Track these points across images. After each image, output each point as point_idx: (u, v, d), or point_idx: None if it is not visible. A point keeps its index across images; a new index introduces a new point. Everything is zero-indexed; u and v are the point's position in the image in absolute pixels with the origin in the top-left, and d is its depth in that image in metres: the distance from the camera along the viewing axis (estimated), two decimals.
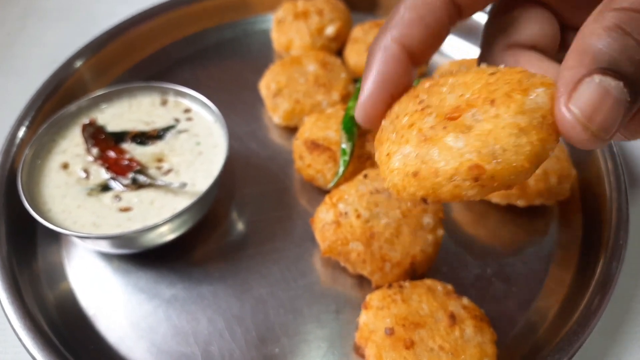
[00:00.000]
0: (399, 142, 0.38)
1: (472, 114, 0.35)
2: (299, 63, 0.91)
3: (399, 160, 0.37)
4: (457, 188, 0.34)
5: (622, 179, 0.75)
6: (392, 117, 0.41)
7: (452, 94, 0.38)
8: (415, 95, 0.40)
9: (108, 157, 0.74)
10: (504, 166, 0.33)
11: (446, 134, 0.35)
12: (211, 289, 0.71)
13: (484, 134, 0.33)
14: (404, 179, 0.36)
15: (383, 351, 0.60)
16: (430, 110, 0.38)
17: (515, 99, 0.34)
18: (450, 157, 0.34)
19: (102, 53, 0.97)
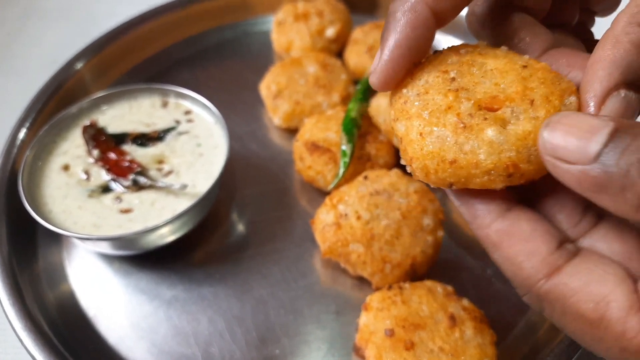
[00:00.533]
0: (434, 124, 0.36)
1: (512, 110, 0.36)
2: (299, 64, 0.91)
3: (435, 143, 0.36)
4: (489, 181, 0.35)
5: None
6: (418, 89, 0.39)
7: (486, 79, 0.38)
8: (444, 69, 0.39)
9: (109, 158, 0.75)
10: (534, 167, 0.35)
11: (487, 125, 0.35)
12: (212, 290, 0.71)
13: (524, 134, 0.35)
14: (438, 164, 0.36)
15: (383, 352, 0.60)
16: (466, 95, 0.37)
17: (553, 104, 0.36)
18: (491, 152, 0.35)
19: (102, 54, 0.97)
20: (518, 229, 0.36)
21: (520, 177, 0.35)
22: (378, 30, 0.97)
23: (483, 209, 0.37)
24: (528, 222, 0.36)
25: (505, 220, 0.36)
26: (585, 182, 0.32)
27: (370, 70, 0.42)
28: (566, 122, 0.33)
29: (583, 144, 0.31)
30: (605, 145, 0.31)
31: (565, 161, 0.32)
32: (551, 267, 0.34)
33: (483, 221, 0.37)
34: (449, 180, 0.36)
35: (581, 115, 0.33)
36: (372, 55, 0.93)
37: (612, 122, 0.31)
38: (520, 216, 0.37)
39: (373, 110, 0.80)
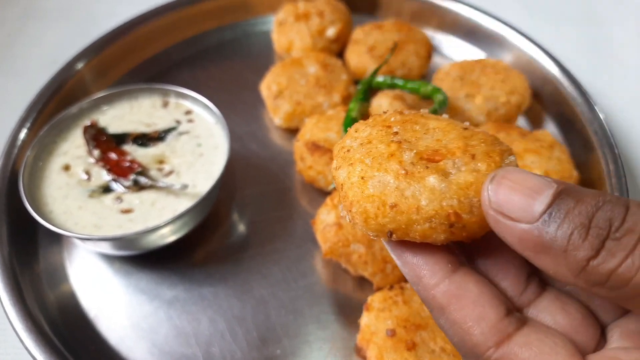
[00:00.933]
0: (376, 168, 0.36)
1: (454, 162, 0.36)
2: (299, 64, 0.91)
3: (376, 187, 0.36)
4: (430, 230, 0.35)
5: (624, 181, 0.75)
6: (361, 140, 0.39)
7: (428, 135, 0.39)
8: (386, 125, 0.40)
9: (109, 158, 0.75)
10: (476, 219, 0.34)
11: (429, 173, 0.35)
12: (212, 290, 0.71)
13: (466, 184, 0.35)
14: (378, 208, 0.35)
15: (385, 352, 0.60)
16: (408, 146, 0.37)
17: (494, 159, 0.36)
18: (433, 198, 0.34)
19: (102, 55, 0.97)
20: (466, 291, 0.35)
21: (462, 228, 0.35)
22: (379, 30, 0.97)
23: (428, 269, 0.36)
24: (476, 284, 0.35)
25: (452, 283, 0.35)
26: (527, 241, 0.31)
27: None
28: (512, 178, 0.33)
29: (527, 202, 0.31)
30: (549, 205, 0.31)
31: (509, 218, 0.32)
32: (501, 335, 0.33)
33: (429, 282, 0.36)
34: (389, 226, 0.35)
35: (526, 173, 0.33)
36: (372, 55, 0.93)
37: (556, 183, 0.32)
38: (468, 278, 0.35)
39: (374, 110, 0.80)
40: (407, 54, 0.93)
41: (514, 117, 0.87)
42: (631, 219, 0.29)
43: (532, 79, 0.92)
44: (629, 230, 0.29)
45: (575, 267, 0.30)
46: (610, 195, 0.31)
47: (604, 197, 0.30)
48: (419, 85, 0.83)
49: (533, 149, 0.76)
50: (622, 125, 0.95)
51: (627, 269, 0.29)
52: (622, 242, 0.29)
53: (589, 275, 0.30)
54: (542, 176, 0.33)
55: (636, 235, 0.29)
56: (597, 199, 0.30)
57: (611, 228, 0.29)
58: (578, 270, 0.30)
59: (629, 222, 0.29)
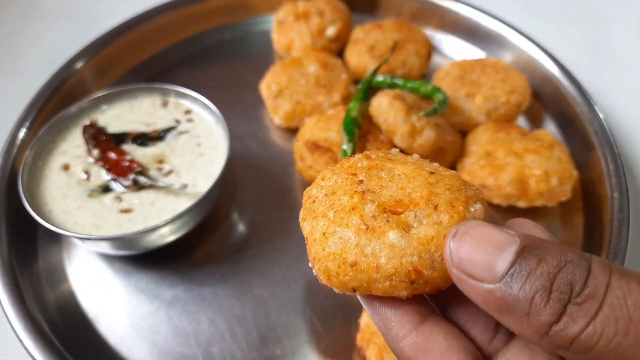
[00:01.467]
0: (338, 224, 0.36)
1: (415, 215, 0.36)
2: (299, 64, 0.91)
3: (337, 244, 0.35)
4: (392, 287, 0.34)
5: (624, 180, 0.75)
6: (326, 190, 0.39)
7: (393, 183, 0.38)
8: (352, 172, 0.39)
9: (109, 158, 0.74)
10: (438, 274, 0.34)
11: (389, 228, 0.35)
12: (212, 290, 0.71)
13: (426, 239, 0.34)
14: (339, 266, 0.35)
15: (384, 352, 0.60)
16: (371, 197, 0.37)
17: (457, 210, 0.35)
18: (392, 256, 0.34)
19: (102, 54, 0.97)
20: (434, 344, 0.34)
21: (424, 284, 0.34)
22: (378, 29, 0.97)
23: (396, 320, 0.35)
24: (444, 336, 0.34)
25: (420, 334, 0.35)
26: (491, 301, 0.31)
27: None
28: (473, 234, 0.32)
29: (490, 261, 0.31)
30: (511, 265, 0.30)
31: (472, 277, 0.31)
32: None
33: (397, 333, 0.35)
34: (351, 284, 0.35)
35: (488, 228, 0.32)
36: (372, 55, 0.93)
37: (519, 238, 0.31)
38: (435, 329, 0.35)
39: (374, 109, 0.80)
40: (407, 53, 0.93)
41: (514, 117, 0.87)
42: (592, 283, 0.29)
43: (532, 79, 0.92)
44: (590, 295, 0.28)
45: (539, 330, 0.30)
46: (573, 254, 0.30)
47: (565, 256, 0.30)
48: (419, 85, 0.83)
49: (533, 148, 0.76)
50: (622, 125, 0.95)
51: (589, 336, 0.28)
52: (583, 307, 0.28)
53: (552, 339, 0.29)
54: (506, 230, 0.32)
55: (597, 301, 0.28)
56: (559, 259, 0.30)
57: (572, 292, 0.29)
58: (541, 333, 0.29)
59: (590, 287, 0.29)
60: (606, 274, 0.29)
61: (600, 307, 0.28)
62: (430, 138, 0.77)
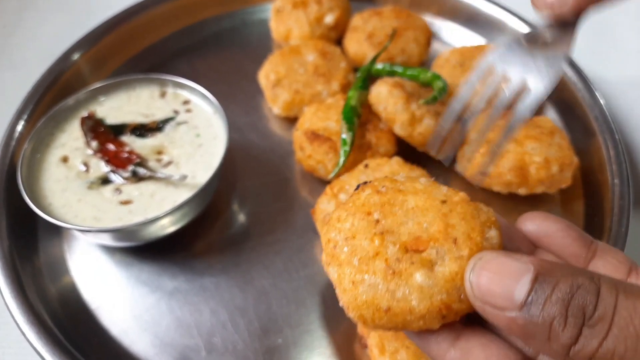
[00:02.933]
0: (365, 271, 0.38)
1: (437, 251, 0.38)
2: (298, 53, 0.90)
3: (368, 292, 0.37)
4: (425, 324, 0.36)
5: (625, 167, 0.74)
6: (345, 233, 0.40)
7: (408, 218, 0.40)
8: (367, 211, 0.40)
9: (107, 150, 0.74)
10: (466, 304, 0.36)
11: (415, 270, 0.37)
12: (213, 281, 0.71)
13: (452, 276, 0.37)
14: (373, 313, 0.37)
15: (386, 341, 0.60)
16: (391, 238, 0.39)
17: (475, 241, 0.38)
18: (422, 297, 0.36)
19: (99, 45, 0.96)
20: (473, 357, 0.36)
21: (454, 315, 0.37)
22: (377, 17, 0.96)
23: (434, 340, 0.38)
24: (482, 348, 0.36)
25: (458, 351, 0.37)
26: (514, 328, 0.33)
27: None
28: (489, 268, 0.34)
29: (508, 291, 0.33)
30: (528, 293, 0.33)
31: (494, 307, 0.34)
32: None
33: (437, 353, 0.37)
34: (388, 326, 0.37)
35: (502, 259, 0.34)
36: (371, 43, 0.92)
37: (532, 265, 0.33)
38: (472, 342, 0.37)
39: (373, 98, 0.79)
40: (406, 40, 0.92)
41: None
42: (602, 306, 0.32)
43: None
44: (600, 318, 0.31)
45: (560, 352, 0.32)
46: (583, 277, 0.33)
47: (576, 280, 0.32)
48: (419, 72, 0.82)
49: (533, 135, 0.76)
50: (623, 111, 0.95)
51: (603, 354, 0.31)
52: (595, 329, 0.31)
53: (573, 359, 0.32)
54: (518, 258, 0.34)
55: (607, 322, 0.31)
56: (571, 284, 0.32)
57: (585, 316, 0.32)
58: (563, 355, 0.32)
59: (599, 310, 0.32)
60: (613, 295, 0.32)
61: (610, 328, 0.31)
62: (430, 126, 0.76)
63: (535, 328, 0.32)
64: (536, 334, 0.32)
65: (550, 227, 0.42)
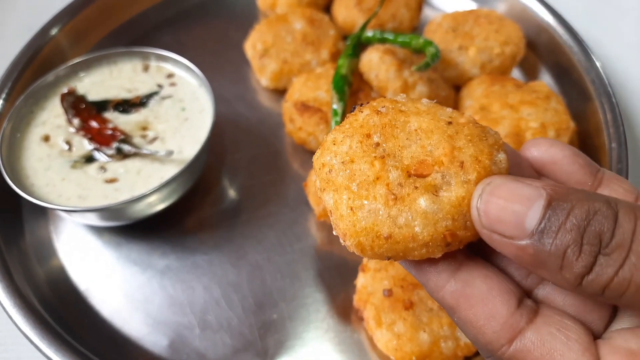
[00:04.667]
0: (364, 196, 0.35)
1: (442, 176, 0.35)
2: (285, 21, 0.87)
3: (367, 218, 0.34)
4: (427, 252, 0.34)
5: (622, 130, 0.73)
6: (342, 157, 0.37)
7: (411, 141, 0.37)
8: (366, 133, 0.37)
9: (90, 127, 0.72)
10: (472, 232, 0.34)
11: (419, 195, 0.34)
12: (205, 258, 0.69)
13: (458, 201, 0.34)
14: (373, 240, 0.34)
15: (382, 313, 0.59)
16: (393, 162, 0.36)
17: (483, 164, 0.35)
18: (426, 223, 0.34)
19: (78, 18, 0.92)
20: (473, 289, 0.34)
21: (458, 243, 0.34)
22: None
23: (433, 271, 0.35)
24: (483, 279, 0.34)
25: (459, 282, 0.35)
26: (524, 257, 0.31)
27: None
28: (499, 194, 0.32)
29: (518, 218, 0.31)
30: (540, 220, 0.30)
31: (502, 236, 0.31)
32: (513, 331, 0.33)
33: (436, 284, 0.35)
34: (387, 254, 0.35)
35: (513, 184, 0.32)
36: (361, 9, 0.89)
37: (544, 190, 0.31)
38: (473, 274, 0.35)
39: (364, 66, 0.77)
40: (396, 6, 0.89)
41: (509, 69, 0.85)
42: (619, 232, 0.30)
43: (527, 28, 0.89)
44: (618, 245, 0.29)
45: (572, 282, 0.30)
46: (600, 202, 0.30)
47: (592, 205, 0.30)
48: (410, 39, 0.80)
49: (529, 100, 0.74)
50: (619, 74, 0.93)
51: (619, 284, 0.30)
52: (612, 257, 0.29)
53: (585, 289, 0.30)
54: (530, 183, 0.32)
55: (625, 250, 0.29)
56: (587, 210, 0.30)
57: (601, 243, 0.30)
58: (575, 284, 0.30)
59: (617, 237, 0.30)
60: (632, 221, 0.30)
61: (627, 256, 0.29)
62: (423, 93, 0.74)
63: (547, 257, 0.30)
64: (548, 264, 0.30)
65: (557, 153, 0.39)
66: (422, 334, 0.57)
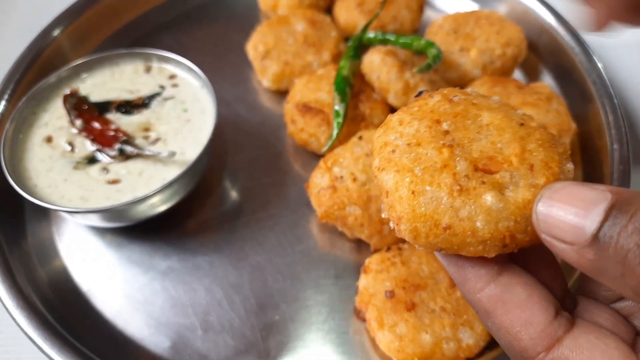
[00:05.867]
0: (428, 182, 0.33)
1: (511, 175, 0.34)
2: (286, 22, 0.87)
3: (428, 205, 0.33)
4: (483, 250, 0.33)
5: (624, 131, 0.73)
6: (408, 139, 0.35)
7: (481, 135, 0.36)
8: (435, 119, 0.36)
9: (93, 128, 0.72)
10: (530, 237, 0.33)
11: (485, 191, 0.33)
12: (207, 259, 0.69)
13: (523, 203, 0.33)
14: (430, 228, 0.33)
15: (384, 314, 0.59)
16: (461, 152, 0.35)
17: (553, 171, 0.34)
18: (489, 220, 0.33)
19: (81, 20, 0.93)
20: (513, 295, 0.34)
21: (515, 246, 0.34)
22: None
23: (473, 272, 0.35)
24: (523, 287, 0.34)
25: (498, 286, 0.34)
26: (584, 264, 0.30)
27: None
28: (560, 198, 0.31)
29: (579, 223, 0.30)
30: (601, 225, 0.29)
31: (562, 241, 0.30)
32: (551, 339, 0.32)
33: (474, 286, 0.35)
34: (440, 245, 0.34)
35: (576, 187, 0.31)
36: (362, 10, 0.89)
37: (609, 193, 0.29)
38: (514, 280, 0.34)
39: (366, 67, 0.77)
40: (398, 7, 0.89)
41: (510, 70, 0.85)
42: None
43: (528, 30, 0.89)
44: None
45: (635, 288, 0.29)
46: None
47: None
48: (412, 40, 0.80)
49: (531, 102, 0.74)
50: (621, 75, 0.93)
51: None
52: None
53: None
54: (595, 187, 0.30)
55: None
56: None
57: None
58: (638, 291, 0.29)
59: None
60: None
61: None
62: None
63: (607, 263, 0.29)
64: (608, 270, 0.29)
65: None
66: (424, 335, 0.57)
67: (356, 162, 0.68)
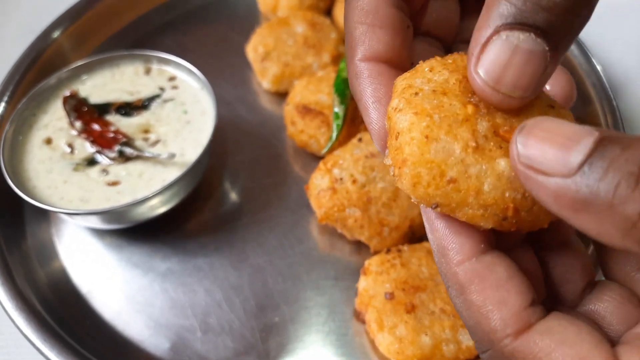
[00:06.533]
0: (445, 130, 0.32)
1: None
2: (286, 24, 0.87)
3: (439, 153, 0.31)
4: (480, 217, 0.32)
5: None
6: (435, 86, 0.34)
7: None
8: (462, 75, 0.35)
9: (92, 130, 0.72)
10: (532, 219, 0.32)
11: (500, 155, 0.31)
12: (207, 260, 0.70)
13: None
14: (434, 178, 0.31)
15: (384, 316, 0.59)
16: (486, 113, 0.33)
17: None
18: (497, 185, 0.31)
19: (81, 21, 0.93)
20: (493, 273, 0.31)
21: (512, 224, 0.32)
22: None
23: (457, 242, 0.32)
24: (506, 268, 0.32)
25: (480, 262, 0.32)
26: (564, 198, 0.27)
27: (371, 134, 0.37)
28: (544, 127, 0.28)
29: (563, 153, 0.27)
30: (590, 155, 0.26)
31: (541, 172, 0.28)
32: (523, 324, 0.30)
33: (454, 257, 0.32)
34: (437, 200, 0.32)
35: (561, 121, 0.28)
36: None
37: (597, 131, 0.27)
38: (497, 261, 0.32)
39: None
40: None
41: None
42: None
43: None
44: None
45: (624, 224, 0.25)
46: None
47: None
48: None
49: None
50: (620, 77, 0.93)
51: None
52: None
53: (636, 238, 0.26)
54: (583, 125, 0.28)
55: None
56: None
57: None
58: (627, 227, 0.25)
59: None
60: None
61: None
62: None
63: (593, 194, 0.25)
64: (593, 203, 0.26)
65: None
66: (424, 337, 0.57)
67: (356, 164, 0.68)
